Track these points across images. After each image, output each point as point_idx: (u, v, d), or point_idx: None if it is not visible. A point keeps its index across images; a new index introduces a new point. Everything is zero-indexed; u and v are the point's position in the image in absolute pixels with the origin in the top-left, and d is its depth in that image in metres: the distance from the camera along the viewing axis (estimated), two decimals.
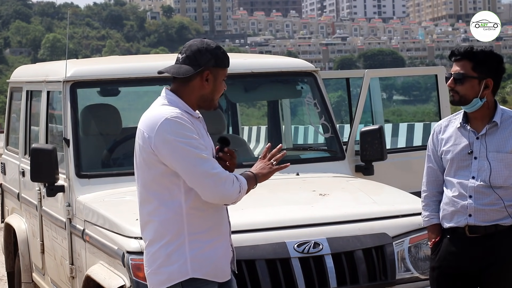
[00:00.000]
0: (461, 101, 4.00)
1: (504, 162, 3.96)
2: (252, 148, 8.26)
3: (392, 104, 62.60)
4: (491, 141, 3.99)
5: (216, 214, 3.48)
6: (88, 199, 5.03)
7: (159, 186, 3.43)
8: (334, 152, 5.79)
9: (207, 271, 3.44)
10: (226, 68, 3.52)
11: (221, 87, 3.53)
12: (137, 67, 5.72)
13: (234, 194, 3.42)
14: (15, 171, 6.70)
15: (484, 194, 3.97)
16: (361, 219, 4.55)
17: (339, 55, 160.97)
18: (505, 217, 3.96)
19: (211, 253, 3.44)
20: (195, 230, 3.42)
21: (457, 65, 4.02)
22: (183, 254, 3.42)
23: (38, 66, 7.34)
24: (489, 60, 4.00)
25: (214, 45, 3.49)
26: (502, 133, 3.99)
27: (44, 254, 5.96)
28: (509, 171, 3.96)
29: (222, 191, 3.38)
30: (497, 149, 3.97)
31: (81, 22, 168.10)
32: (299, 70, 6.00)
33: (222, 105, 6.99)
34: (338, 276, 4.30)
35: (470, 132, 4.04)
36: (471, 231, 3.99)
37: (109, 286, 4.32)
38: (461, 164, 4.03)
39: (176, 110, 3.41)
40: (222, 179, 3.38)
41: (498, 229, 3.97)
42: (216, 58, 3.47)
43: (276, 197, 5.07)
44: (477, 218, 3.98)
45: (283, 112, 6.98)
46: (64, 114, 5.37)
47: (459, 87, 3.98)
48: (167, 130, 3.36)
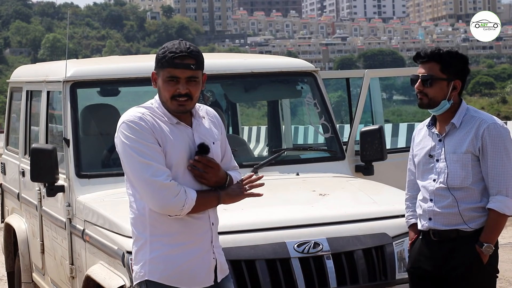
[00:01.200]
0: (430, 104, 3.97)
1: (460, 162, 3.93)
2: (252, 148, 8.25)
3: (392, 104, 62.61)
4: (449, 142, 3.97)
5: (184, 220, 3.37)
6: (88, 199, 5.03)
7: (131, 186, 3.43)
8: (334, 152, 5.79)
9: (165, 275, 3.36)
10: (167, 69, 3.35)
11: (164, 89, 3.37)
12: (137, 67, 5.72)
13: (176, 206, 3.29)
14: (15, 171, 6.70)
15: (443, 196, 3.96)
16: (361, 219, 4.55)
17: (339, 55, 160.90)
18: (463, 222, 3.93)
19: (173, 258, 3.36)
20: (157, 233, 3.37)
21: (423, 67, 3.99)
22: (145, 255, 3.39)
23: (38, 66, 7.34)
24: (456, 61, 3.98)
25: (165, 45, 3.41)
26: (460, 134, 3.96)
27: (44, 254, 5.96)
28: (465, 172, 3.93)
29: (160, 199, 3.29)
30: (454, 150, 3.95)
31: (81, 22, 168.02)
32: (299, 70, 6.00)
33: (222, 105, 6.99)
34: (338, 276, 4.30)
35: (434, 135, 4.04)
36: (434, 235, 3.99)
37: (109, 286, 4.32)
38: (426, 167, 4.04)
39: (139, 112, 3.38)
40: (162, 188, 3.27)
41: (460, 234, 3.94)
42: (156, 59, 3.41)
43: (276, 197, 5.06)
44: (436, 221, 3.97)
45: (283, 112, 6.98)
46: (64, 114, 5.37)
47: (428, 89, 3.95)
48: (121, 133, 3.36)
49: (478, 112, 4.02)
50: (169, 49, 3.37)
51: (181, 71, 3.35)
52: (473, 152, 3.92)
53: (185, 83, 3.36)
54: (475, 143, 3.92)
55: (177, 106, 3.38)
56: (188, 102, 3.38)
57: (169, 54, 3.35)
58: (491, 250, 3.93)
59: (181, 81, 3.36)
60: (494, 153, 3.91)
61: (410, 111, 48.94)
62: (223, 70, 5.78)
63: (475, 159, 3.93)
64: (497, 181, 3.91)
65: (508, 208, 3.91)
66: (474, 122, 3.95)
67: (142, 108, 3.43)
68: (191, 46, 3.41)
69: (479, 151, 3.92)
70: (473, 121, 3.95)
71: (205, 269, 3.43)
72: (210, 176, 3.41)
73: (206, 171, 3.40)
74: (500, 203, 3.89)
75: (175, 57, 3.34)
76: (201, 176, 3.40)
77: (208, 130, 3.50)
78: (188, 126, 3.45)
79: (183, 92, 3.36)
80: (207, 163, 3.39)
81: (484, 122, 3.93)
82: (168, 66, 3.35)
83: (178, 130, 3.41)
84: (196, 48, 3.43)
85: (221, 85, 6.27)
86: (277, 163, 5.54)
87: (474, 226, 3.93)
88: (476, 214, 3.93)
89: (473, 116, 3.97)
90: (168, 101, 3.38)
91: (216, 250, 3.48)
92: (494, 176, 3.91)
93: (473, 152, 3.92)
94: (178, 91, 3.36)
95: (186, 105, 3.38)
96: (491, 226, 3.92)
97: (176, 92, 3.36)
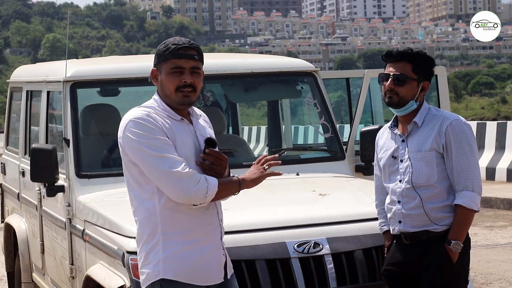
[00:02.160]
0: (399, 103, 3.96)
1: (424, 160, 3.93)
2: (252, 148, 8.25)
3: None
4: (412, 141, 3.98)
5: (196, 216, 3.40)
6: (88, 199, 5.03)
7: (137, 186, 3.43)
8: (334, 152, 5.79)
9: (180, 273, 3.37)
10: (171, 60, 3.38)
11: (168, 81, 3.39)
12: (137, 67, 5.72)
13: (199, 194, 3.31)
14: (15, 171, 6.70)
15: (410, 197, 3.95)
16: (361, 219, 4.54)
17: (339, 55, 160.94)
18: (432, 223, 3.93)
19: (187, 255, 3.38)
20: (170, 231, 3.38)
21: (394, 66, 3.97)
22: (157, 255, 3.39)
23: (38, 66, 7.34)
24: (426, 63, 3.99)
25: (164, 41, 3.44)
26: (422, 132, 3.96)
27: (44, 254, 5.96)
28: (430, 169, 3.93)
29: (182, 189, 3.29)
30: (418, 149, 3.95)
31: (81, 22, 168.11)
32: (299, 70, 6.00)
33: (222, 105, 6.99)
34: (338, 276, 4.30)
35: (397, 136, 4.05)
36: (406, 238, 3.99)
37: (109, 286, 4.31)
38: (391, 169, 4.04)
39: (145, 111, 3.40)
40: (182, 177, 3.28)
41: (431, 235, 3.94)
42: (157, 54, 3.44)
43: (276, 197, 5.07)
44: (406, 224, 3.97)
45: (283, 112, 6.97)
46: (64, 114, 5.37)
47: (400, 88, 3.95)
48: (130, 131, 3.37)
49: (440, 111, 4.04)
50: (170, 42, 3.42)
51: (185, 61, 3.39)
52: (437, 149, 3.93)
53: (189, 74, 3.39)
54: (438, 140, 3.92)
55: (182, 97, 3.40)
56: (192, 94, 3.41)
57: (172, 46, 3.39)
58: (459, 248, 3.90)
59: (185, 72, 3.39)
60: (458, 149, 3.91)
61: None
62: (223, 70, 5.78)
63: (439, 157, 3.94)
64: (462, 177, 3.91)
65: (475, 203, 3.91)
66: (437, 120, 3.96)
67: (145, 107, 3.44)
68: (191, 40, 3.47)
69: (443, 148, 3.92)
70: (435, 119, 3.97)
71: (217, 265, 3.46)
72: (219, 169, 3.42)
73: (216, 164, 3.41)
74: (467, 199, 3.89)
75: (178, 48, 3.38)
76: (210, 169, 3.41)
77: (205, 128, 3.55)
78: (190, 123, 3.48)
79: (188, 81, 3.39)
80: (217, 156, 3.41)
81: (447, 119, 3.94)
82: (172, 57, 3.39)
83: (182, 126, 3.44)
84: (196, 42, 3.50)
85: (221, 85, 6.27)
86: None
87: (443, 226, 3.92)
88: (444, 214, 3.93)
89: (435, 115, 3.99)
90: (173, 93, 3.40)
91: (224, 246, 3.53)
92: (460, 172, 3.91)
93: (437, 149, 3.93)
94: (184, 81, 3.38)
95: (190, 96, 3.41)
96: (459, 223, 3.90)
97: (181, 83, 3.39)
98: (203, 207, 3.40)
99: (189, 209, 3.38)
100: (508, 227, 11.23)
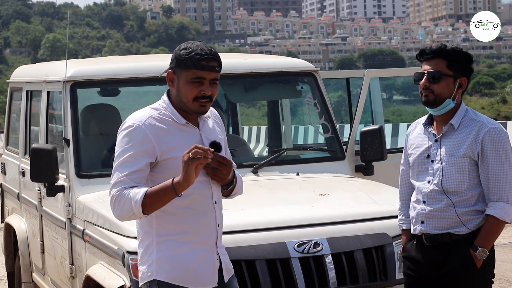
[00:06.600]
0: (436, 101, 3.84)
1: (457, 166, 3.82)
2: (252, 148, 8.25)
3: (392, 104, 62.66)
4: (447, 144, 3.86)
5: (191, 219, 3.39)
6: (88, 199, 5.03)
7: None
8: (334, 152, 5.79)
9: (172, 275, 3.37)
10: (193, 70, 3.33)
11: (187, 89, 3.36)
12: (137, 67, 5.72)
13: (124, 215, 3.35)
14: (15, 171, 6.70)
15: (436, 199, 3.86)
16: (361, 219, 4.55)
17: (339, 55, 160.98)
18: (457, 225, 3.83)
19: (180, 257, 3.37)
20: (164, 232, 3.38)
21: (428, 64, 3.88)
22: (152, 255, 3.40)
23: (38, 66, 7.34)
24: (462, 58, 3.88)
25: (186, 45, 3.40)
26: (458, 136, 3.85)
27: (44, 254, 5.96)
28: (462, 176, 3.82)
29: (112, 209, 3.39)
30: (451, 153, 3.84)
31: (81, 22, 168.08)
32: (299, 70, 6.00)
33: (222, 105, 6.99)
34: (338, 276, 4.30)
35: (430, 135, 3.94)
36: (426, 240, 3.90)
37: (109, 286, 4.32)
38: (421, 168, 3.94)
39: (146, 115, 3.38)
40: (111, 199, 3.35)
41: (453, 238, 3.84)
42: (177, 59, 3.38)
43: (276, 197, 5.07)
44: (428, 225, 3.87)
45: (283, 112, 6.97)
46: (64, 114, 5.37)
47: (435, 86, 3.84)
48: (120, 133, 3.40)
49: (478, 115, 3.92)
50: (194, 50, 3.36)
51: (207, 73, 3.37)
52: (471, 156, 3.82)
53: (209, 85, 3.38)
54: (474, 147, 3.81)
55: (199, 107, 3.38)
56: (208, 104, 3.40)
57: (195, 56, 3.35)
58: (485, 255, 3.82)
59: (205, 83, 3.37)
60: (495, 159, 3.81)
61: (410, 111, 48.99)
62: (223, 70, 5.73)
63: (473, 164, 3.83)
64: (497, 187, 3.81)
65: (508, 215, 3.82)
66: (474, 125, 3.84)
67: (151, 109, 3.42)
68: (212, 49, 3.43)
69: (478, 155, 3.82)
70: (472, 124, 3.85)
71: (210, 269, 3.44)
72: (223, 173, 3.40)
73: (220, 168, 3.38)
74: (501, 210, 3.80)
75: (202, 58, 3.35)
76: (214, 173, 3.39)
77: (213, 130, 3.51)
78: (195, 126, 3.45)
79: (207, 93, 3.37)
80: (221, 160, 3.38)
81: (485, 126, 3.83)
82: (194, 68, 3.35)
83: (185, 131, 3.42)
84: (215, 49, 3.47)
85: (221, 85, 6.26)
86: (277, 163, 5.54)
87: (470, 228, 3.83)
88: (471, 217, 3.84)
89: (473, 119, 3.87)
90: (190, 102, 3.38)
91: (219, 250, 3.50)
92: (495, 182, 3.81)
93: (471, 156, 3.82)
94: (203, 92, 3.37)
95: (207, 106, 3.40)
96: (488, 232, 3.82)
97: (200, 94, 3.37)
98: (200, 210, 3.39)
99: (184, 212, 3.38)
100: (508, 227, 11.23)
